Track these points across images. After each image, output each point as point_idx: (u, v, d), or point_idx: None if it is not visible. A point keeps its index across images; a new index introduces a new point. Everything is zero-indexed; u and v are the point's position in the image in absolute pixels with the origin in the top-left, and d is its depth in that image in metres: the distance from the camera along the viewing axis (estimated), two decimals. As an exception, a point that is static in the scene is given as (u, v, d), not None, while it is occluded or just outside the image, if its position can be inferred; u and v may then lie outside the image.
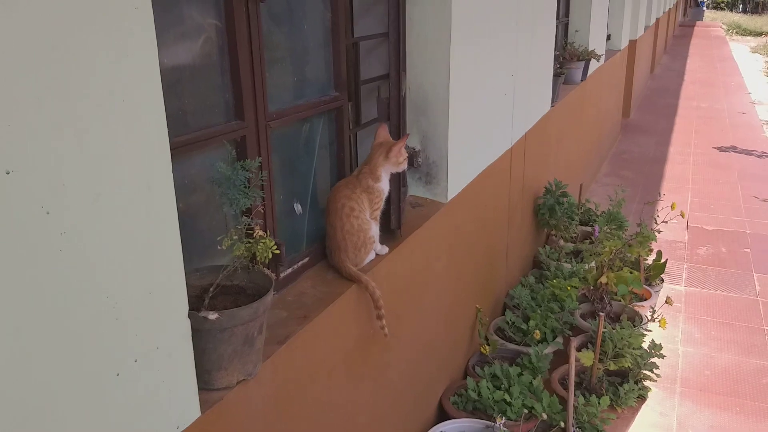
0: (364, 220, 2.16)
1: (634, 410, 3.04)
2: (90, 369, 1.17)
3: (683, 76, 13.51)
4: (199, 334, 1.43)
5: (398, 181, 2.37)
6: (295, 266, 2.09)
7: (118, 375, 1.22)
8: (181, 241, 1.33)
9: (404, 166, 2.25)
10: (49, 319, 1.09)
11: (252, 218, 1.61)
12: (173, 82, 1.57)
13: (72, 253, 1.11)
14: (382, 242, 2.32)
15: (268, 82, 1.85)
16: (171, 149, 1.28)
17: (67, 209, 1.10)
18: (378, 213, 2.24)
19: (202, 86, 1.67)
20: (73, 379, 1.14)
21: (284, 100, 2.02)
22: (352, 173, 2.27)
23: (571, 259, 4.29)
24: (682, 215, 3.95)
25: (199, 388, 1.46)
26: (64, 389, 1.13)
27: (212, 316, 1.42)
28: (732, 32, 24.30)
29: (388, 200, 2.34)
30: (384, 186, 2.24)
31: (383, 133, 2.27)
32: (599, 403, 2.90)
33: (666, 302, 3.49)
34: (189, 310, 1.38)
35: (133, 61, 1.18)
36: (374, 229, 2.22)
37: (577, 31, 5.71)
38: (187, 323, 1.37)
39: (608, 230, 4.42)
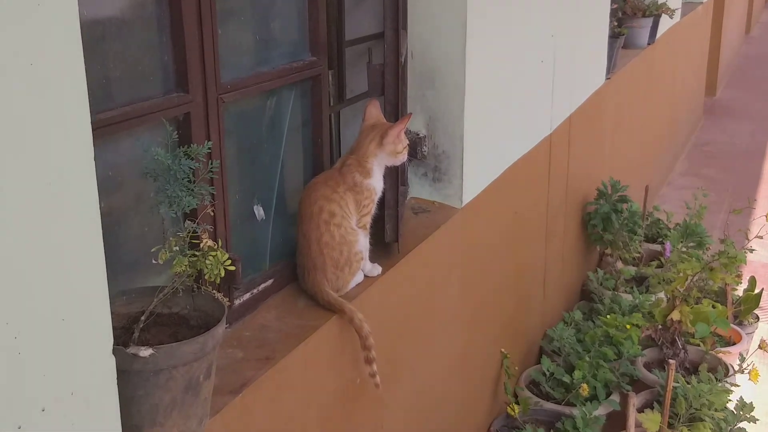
0: (349, 229, 2.22)
1: (716, 493, 3.09)
2: (-18, 419, 1.22)
3: (790, 40, 13.63)
4: (127, 376, 1.48)
5: (396, 177, 2.43)
6: (255, 290, 2.15)
7: (19, 428, 1.27)
8: (105, 253, 1.38)
9: (404, 156, 2.30)
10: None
11: (198, 223, 1.66)
12: (95, 40, 1.63)
13: (-38, 265, 1.16)
14: (373, 260, 2.37)
15: (222, 41, 1.91)
16: (92, 130, 1.34)
17: (-44, 206, 1.15)
18: (368, 220, 2.29)
19: (134, 46, 1.73)
20: (-40, 433, 1.20)
21: (242, 67, 2.08)
22: (333, 166, 2.33)
23: (632, 287, 4.35)
24: (784, 229, 4.02)
25: (126, 451, 1.50)
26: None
27: (144, 352, 1.47)
28: None
29: (382, 203, 2.40)
30: (376, 183, 2.29)
31: (374, 111, 2.33)
32: (668, 483, 2.94)
33: (760, 347, 3.54)
34: (114, 344, 1.43)
35: (46, 12, 1.24)
36: (362, 242, 2.27)
37: (642, -24, 5.80)
38: (112, 362, 1.42)
39: (684, 249, 4.48)
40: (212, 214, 1.84)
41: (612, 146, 5.03)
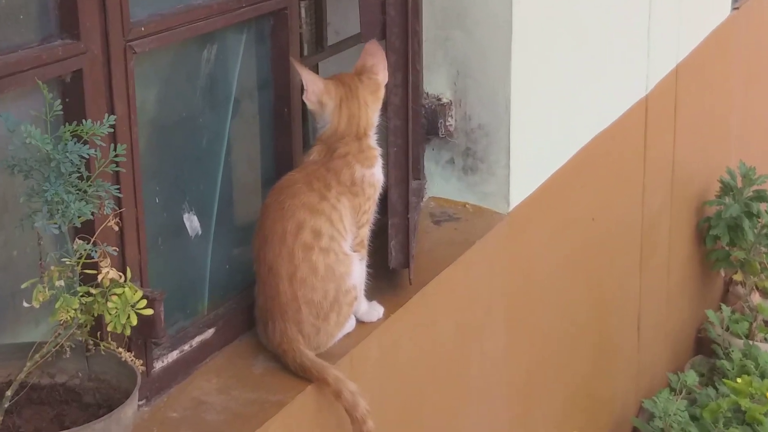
0: (341, 256, 2.21)
1: None
2: None
3: None
4: (-16, 486, 1.46)
5: (405, 166, 2.41)
6: (187, 347, 2.13)
7: None
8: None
9: None
10: None
11: (96, 243, 1.65)
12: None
13: None
14: (371, 296, 2.36)
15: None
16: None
17: None
18: (367, 233, 2.30)
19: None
20: None
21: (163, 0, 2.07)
22: (308, 157, 2.32)
23: (776, 333, 4.35)
24: None
25: None
26: None
27: (11, 447, 1.46)
28: None
29: (384, 209, 2.40)
30: (380, 172, 2.31)
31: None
32: None
33: None
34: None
35: None
36: (357, 273, 2.27)
37: None
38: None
39: None
40: (117, 228, 1.82)
41: (743, 114, 5.01)
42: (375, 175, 2.29)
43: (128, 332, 1.61)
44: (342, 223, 2.21)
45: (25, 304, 1.57)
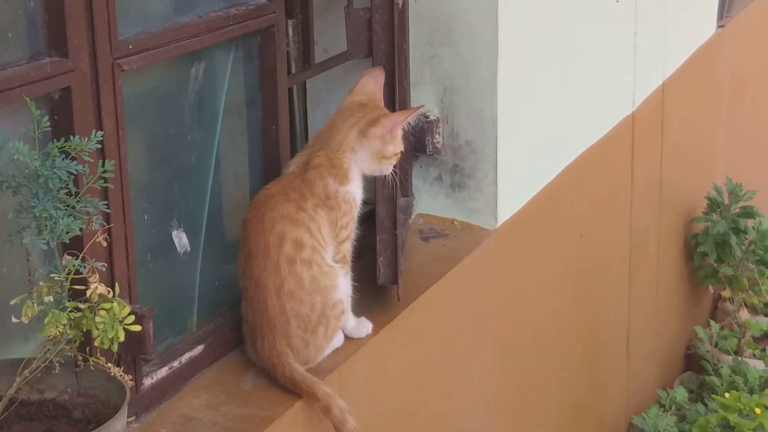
0: (324, 268, 2.21)
1: None
2: None
3: None
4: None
5: (392, 183, 2.41)
6: (176, 363, 2.13)
7: None
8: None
9: (390, 167, 2.31)
10: None
11: (84, 259, 1.65)
12: None
13: None
14: (359, 312, 2.36)
15: (119, -23, 1.90)
16: None
17: None
18: (348, 248, 2.29)
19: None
20: None
21: (152, 15, 2.07)
22: (288, 166, 2.32)
23: (764, 350, 4.32)
24: None
25: None
26: None
27: (0, 462, 1.46)
28: None
29: (372, 225, 2.39)
30: (356, 191, 2.29)
31: (371, 85, 2.34)
32: None
33: None
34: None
35: None
36: (343, 286, 2.27)
37: None
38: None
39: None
40: (106, 244, 1.82)
41: (729, 130, 5.02)
42: (350, 192, 2.26)
43: (115, 348, 1.62)
44: (321, 234, 2.21)
45: (14, 320, 1.57)
